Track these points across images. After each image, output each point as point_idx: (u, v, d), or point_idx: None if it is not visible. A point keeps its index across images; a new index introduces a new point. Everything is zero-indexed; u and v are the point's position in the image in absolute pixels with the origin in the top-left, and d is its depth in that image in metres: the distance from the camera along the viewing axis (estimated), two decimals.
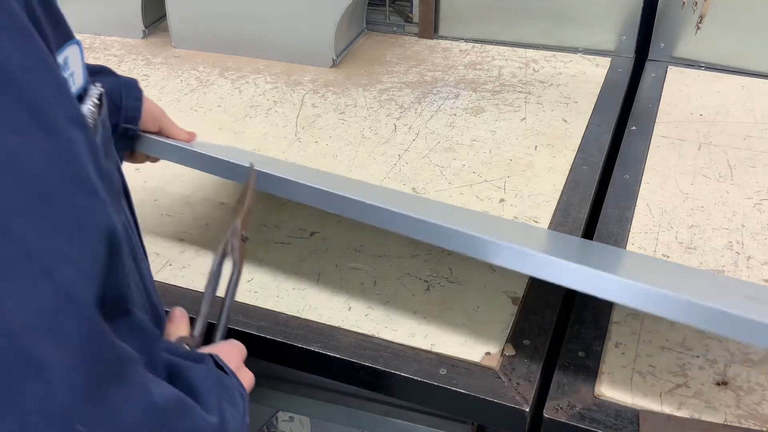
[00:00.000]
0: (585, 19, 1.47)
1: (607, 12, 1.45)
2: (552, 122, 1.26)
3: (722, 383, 0.76)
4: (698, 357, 0.80)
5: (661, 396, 0.75)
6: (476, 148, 1.19)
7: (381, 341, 0.84)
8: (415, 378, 0.79)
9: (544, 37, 1.52)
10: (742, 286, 0.85)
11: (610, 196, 1.06)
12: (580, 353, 0.81)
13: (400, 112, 1.31)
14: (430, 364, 0.80)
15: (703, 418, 0.73)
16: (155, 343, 0.50)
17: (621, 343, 0.82)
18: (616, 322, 0.84)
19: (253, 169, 0.78)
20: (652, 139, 1.20)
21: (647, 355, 0.80)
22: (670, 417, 0.73)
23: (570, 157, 1.16)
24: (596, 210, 1.05)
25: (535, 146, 1.19)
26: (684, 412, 0.73)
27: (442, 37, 1.60)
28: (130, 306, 0.48)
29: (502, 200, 1.06)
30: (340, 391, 0.96)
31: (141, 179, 1.12)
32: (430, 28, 1.59)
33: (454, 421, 0.91)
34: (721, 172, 1.10)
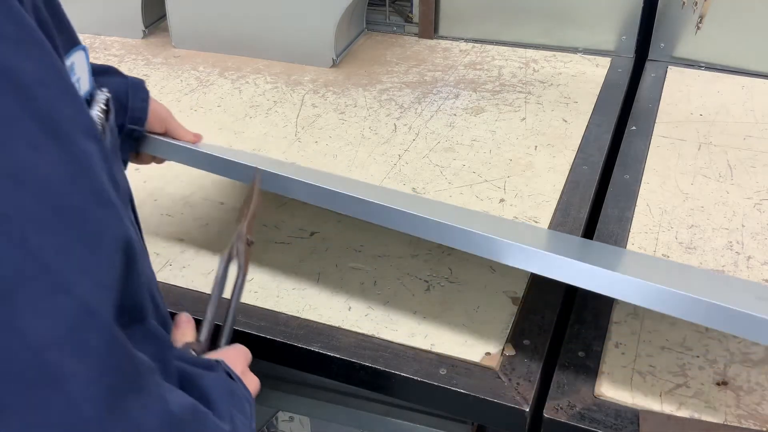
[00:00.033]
0: (585, 19, 1.47)
1: (607, 12, 1.45)
2: (552, 122, 1.26)
3: (722, 383, 0.76)
4: (698, 357, 0.80)
5: (661, 396, 0.75)
6: (476, 148, 1.19)
7: (381, 341, 0.84)
8: (415, 378, 0.79)
9: (544, 37, 1.52)
10: (744, 284, 0.85)
11: (610, 196, 1.06)
12: (580, 353, 0.81)
13: (400, 112, 1.31)
14: (430, 364, 0.80)
15: (703, 418, 0.73)
16: (169, 350, 0.51)
17: (621, 343, 0.82)
18: (616, 322, 0.84)
19: (258, 174, 0.78)
20: (652, 139, 1.20)
21: (647, 355, 0.80)
22: (670, 417, 0.73)
23: (570, 157, 1.16)
24: (596, 210, 1.05)
25: (535, 146, 1.19)
26: (684, 412, 0.73)
27: (442, 37, 1.60)
28: (146, 313, 0.48)
29: (502, 200, 1.06)
30: (340, 391, 0.96)
31: (141, 179, 1.12)
32: (430, 28, 1.59)
33: (454, 421, 0.91)
34: (721, 172, 1.10)
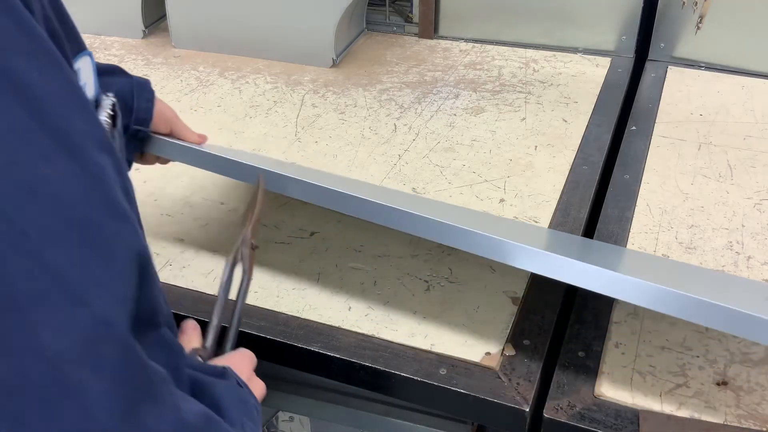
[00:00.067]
0: (585, 19, 1.47)
1: (607, 12, 1.45)
2: (552, 122, 1.26)
3: (722, 383, 0.76)
4: (698, 357, 0.80)
5: (661, 396, 0.75)
6: (476, 148, 1.19)
7: (381, 341, 0.84)
8: (415, 378, 0.79)
9: (544, 37, 1.52)
10: (745, 283, 0.85)
11: (610, 196, 1.06)
12: (580, 353, 0.81)
13: (400, 112, 1.31)
14: (430, 364, 0.80)
15: (703, 418, 0.73)
16: (181, 358, 0.51)
17: (621, 343, 0.82)
18: (616, 322, 0.84)
19: (262, 178, 0.78)
20: (652, 139, 1.20)
21: (647, 355, 0.80)
22: (670, 417, 0.73)
23: (570, 157, 1.16)
24: (596, 210, 1.05)
25: (535, 146, 1.19)
26: (684, 412, 0.73)
27: (442, 37, 1.60)
28: (160, 320, 0.49)
29: (502, 200, 1.06)
30: (340, 391, 0.96)
31: (141, 179, 1.12)
32: (430, 28, 1.59)
33: (454, 421, 0.91)
34: (721, 172, 1.10)
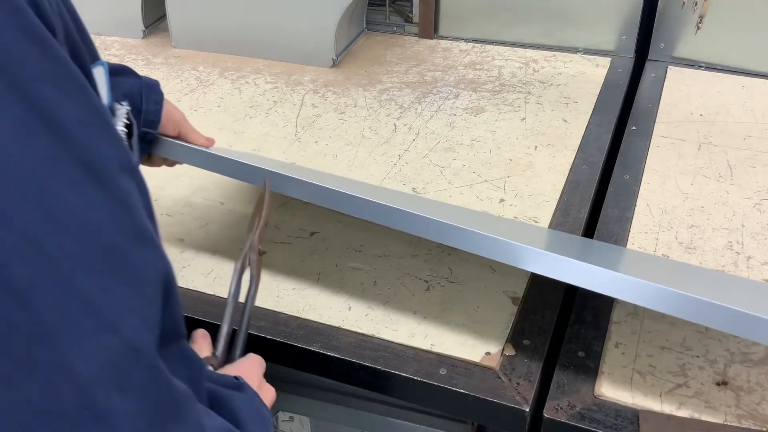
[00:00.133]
0: (585, 19, 1.47)
1: (607, 12, 1.45)
2: (552, 122, 1.26)
3: (722, 383, 0.76)
4: (698, 357, 0.80)
5: (661, 396, 0.75)
6: (476, 148, 1.19)
7: (381, 341, 0.84)
8: (415, 378, 0.79)
9: (544, 37, 1.52)
10: (746, 283, 0.85)
11: (610, 196, 1.06)
12: (580, 353, 0.81)
13: (400, 112, 1.31)
14: (430, 364, 0.80)
15: (703, 418, 0.73)
16: (201, 371, 0.52)
17: (621, 343, 0.82)
18: (616, 322, 0.84)
19: (268, 183, 0.78)
20: (652, 139, 1.20)
21: (647, 355, 0.80)
22: (670, 417, 0.73)
23: (570, 157, 1.16)
24: (596, 210, 1.05)
25: (535, 146, 1.19)
26: (684, 412, 0.73)
27: (442, 37, 1.60)
28: (182, 333, 0.49)
29: (502, 200, 1.06)
30: (340, 391, 0.96)
31: None
32: (430, 28, 1.59)
33: (454, 421, 0.91)
34: (721, 172, 1.10)
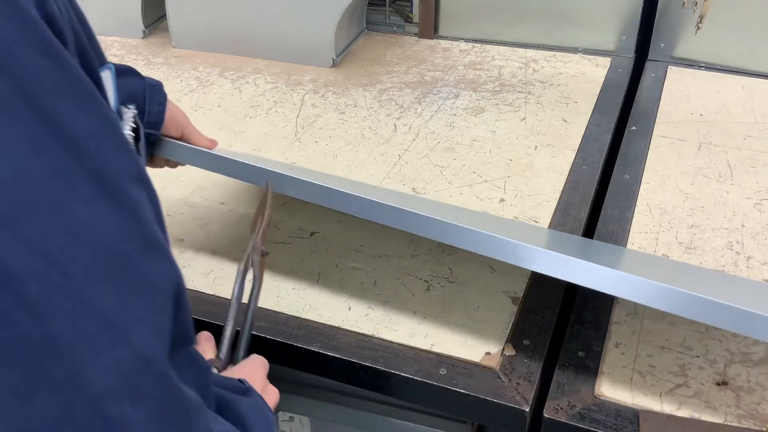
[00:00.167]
0: (585, 19, 1.47)
1: (607, 12, 1.45)
2: (552, 122, 1.26)
3: (722, 383, 0.76)
4: (698, 357, 0.80)
5: (661, 396, 0.75)
6: (476, 148, 1.19)
7: (381, 341, 0.84)
8: (415, 378, 0.79)
9: (544, 37, 1.52)
10: (746, 283, 0.85)
11: (610, 196, 1.06)
12: (580, 353, 0.81)
13: (400, 112, 1.31)
14: (430, 364, 0.80)
15: (703, 418, 0.73)
16: (208, 376, 0.52)
17: (621, 343, 0.82)
18: (616, 322, 0.84)
19: (270, 184, 0.78)
20: (652, 139, 1.20)
21: (647, 355, 0.80)
22: (670, 417, 0.73)
23: (570, 157, 1.16)
24: (596, 210, 1.05)
25: (535, 146, 1.19)
26: (684, 412, 0.73)
27: (442, 37, 1.60)
28: (191, 339, 0.49)
29: (502, 200, 1.06)
30: (340, 391, 0.96)
31: None
32: (430, 28, 1.59)
33: (454, 421, 0.91)
34: (721, 172, 1.10)
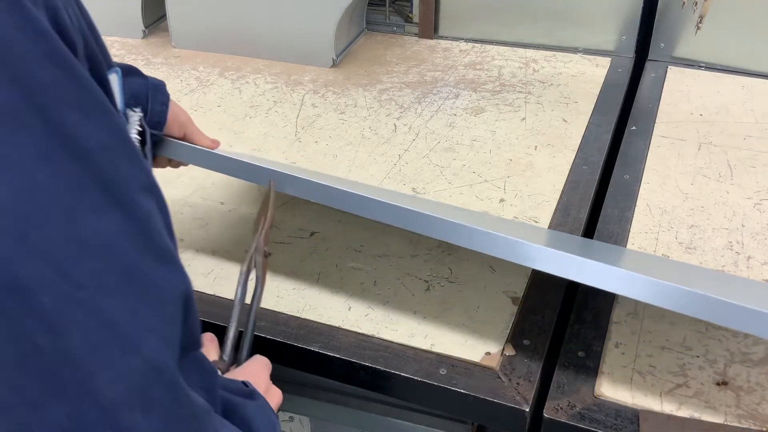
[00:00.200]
0: (585, 19, 1.47)
1: (607, 12, 1.45)
2: (552, 122, 1.26)
3: (722, 383, 0.76)
4: (698, 357, 0.80)
5: (661, 396, 0.75)
6: (476, 148, 1.19)
7: (381, 341, 0.84)
8: (415, 378, 0.79)
9: (544, 37, 1.52)
10: (746, 283, 0.85)
11: (610, 196, 1.06)
12: (580, 353, 0.81)
13: (400, 112, 1.31)
14: (430, 364, 0.80)
15: (703, 418, 0.73)
16: (215, 380, 0.52)
17: (621, 343, 0.82)
18: (616, 322, 0.84)
19: (273, 185, 0.78)
20: (652, 139, 1.20)
21: (647, 355, 0.80)
22: (670, 417, 0.73)
23: (570, 157, 1.16)
24: (596, 210, 1.05)
25: (535, 146, 1.19)
26: (684, 412, 0.73)
27: (442, 37, 1.60)
28: (198, 343, 0.50)
29: (502, 200, 1.06)
30: (340, 391, 0.96)
31: None
32: (430, 28, 1.59)
33: (454, 421, 0.91)
34: (721, 172, 1.10)
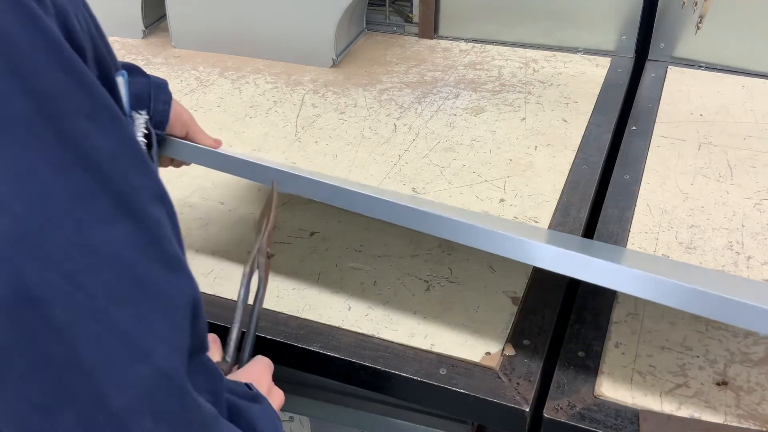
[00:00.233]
0: (585, 19, 1.47)
1: (607, 12, 1.45)
2: (552, 122, 1.26)
3: (722, 383, 0.76)
4: (698, 357, 0.80)
5: (661, 396, 0.75)
6: (476, 148, 1.19)
7: (381, 341, 0.84)
8: (415, 378, 0.79)
9: (544, 37, 1.52)
10: (746, 282, 0.85)
11: (610, 196, 1.06)
12: (580, 353, 0.81)
13: (400, 112, 1.31)
14: (430, 364, 0.80)
15: (703, 418, 0.73)
16: (221, 383, 0.52)
17: (621, 343, 0.82)
18: (616, 322, 0.84)
19: (275, 186, 0.78)
20: (652, 139, 1.20)
21: (647, 355, 0.80)
22: (670, 417, 0.73)
23: (570, 157, 1.16)
24: (596, 210, 1.05)
25: (535, 146, 1.19)
26: (684, 412, 0.73)
27: (442, 37, 1.60)
28: (205, 347, 0.50)
29: (502, 200, 1.06)
30: (340, 391, 0.96)
31: None
32: (430, 28, 1.59)
33: (454, 421, 0.91)
34: (721, 172, 1.10)
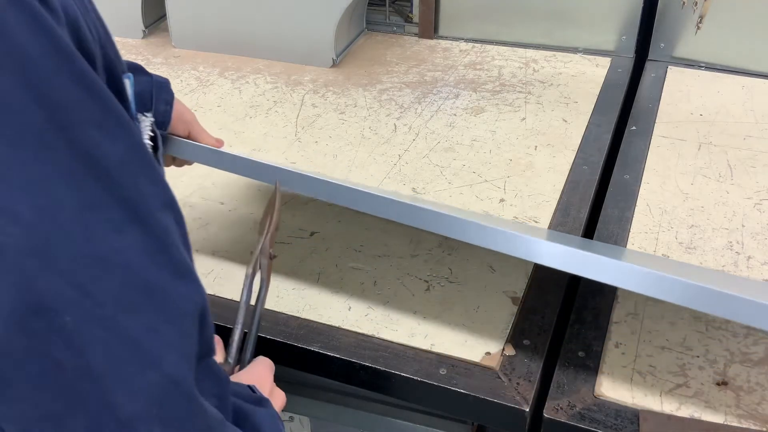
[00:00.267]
0: (585, 19, 1.47)
1: (607, 12, 1.45)
2: (552, 122, 1.26)
3: (722, 383, 0.76)
4: (698, 357, 0.80)
5: (661, 396, 0.75)
6: (476, 148, 1.19)
7: (381, 341, 0.84)
8: (415, 378, 0.79)
9: (544, 37, 1.52)
10: (746, 282, 0.85)
11: (610, 196, 1.06)
12: (580, 353, 0.81)
13: (400, 112, 1.31)
14: (430, 364, 0.80)
15: (703, 418, 0.73)
16: (226, 387, 0.52)
17: (621, 343, 0.82)
18: (616, 322, 0.84)
19: (278, 186, 0.78)
20: (652, 139, 1.20)
21: (647, 355, 0.80)
22: (670, 417, 0.73)
23: (570, 157, 1.16)
24: (596, 210, 1.05)
25: (535, 146, 1.19)
26: (684, 412, 0.73)
27: (442, 37, 1.60)
28: (212, 351, 0.50)
29: (502, 200, 1.06)
30: (340, 391, 0.96)
31: None
32: (430, 28, 1.59)
33: (454, 421, 0.91)
34: (721, 172, 1.10)
